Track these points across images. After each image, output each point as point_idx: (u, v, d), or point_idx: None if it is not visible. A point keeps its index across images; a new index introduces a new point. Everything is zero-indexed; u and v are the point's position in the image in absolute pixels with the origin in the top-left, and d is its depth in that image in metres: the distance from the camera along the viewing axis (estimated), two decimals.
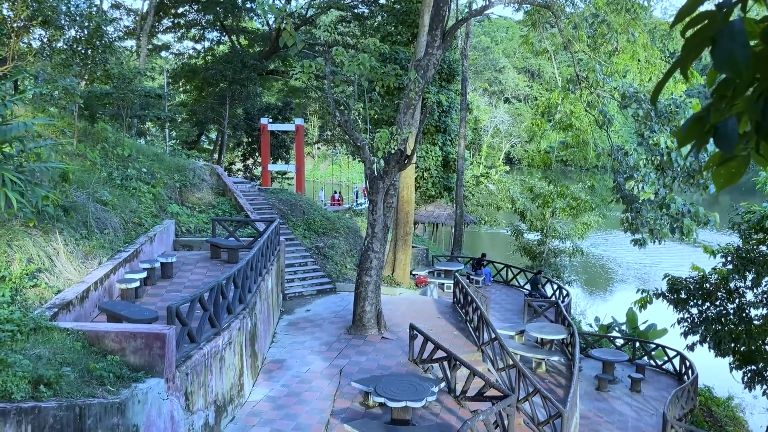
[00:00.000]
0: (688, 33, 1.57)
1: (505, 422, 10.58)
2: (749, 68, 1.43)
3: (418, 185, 33.14)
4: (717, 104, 1.56)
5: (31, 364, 7.14)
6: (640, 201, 15.36)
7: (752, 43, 1.50)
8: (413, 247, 26.59)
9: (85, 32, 18.13)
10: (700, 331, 18.85)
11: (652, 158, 14.98)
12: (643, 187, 14.25)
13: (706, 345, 18.90)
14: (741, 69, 1.43)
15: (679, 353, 20.08)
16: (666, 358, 20.75)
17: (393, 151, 15.41)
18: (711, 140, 1.67)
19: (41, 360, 7.42)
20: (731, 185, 1.76)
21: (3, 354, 7.11)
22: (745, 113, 1.49)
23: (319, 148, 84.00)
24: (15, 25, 16.10)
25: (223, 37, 45.06)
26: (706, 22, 1.50)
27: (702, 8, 1.62)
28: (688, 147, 1.75)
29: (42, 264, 10.86)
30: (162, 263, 14.60)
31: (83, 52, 18.19)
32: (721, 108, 1.54)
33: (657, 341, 22.31)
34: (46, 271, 10.84)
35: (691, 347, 19.36)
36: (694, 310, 19.58)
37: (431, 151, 33.45)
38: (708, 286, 19.20)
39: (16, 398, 6.53)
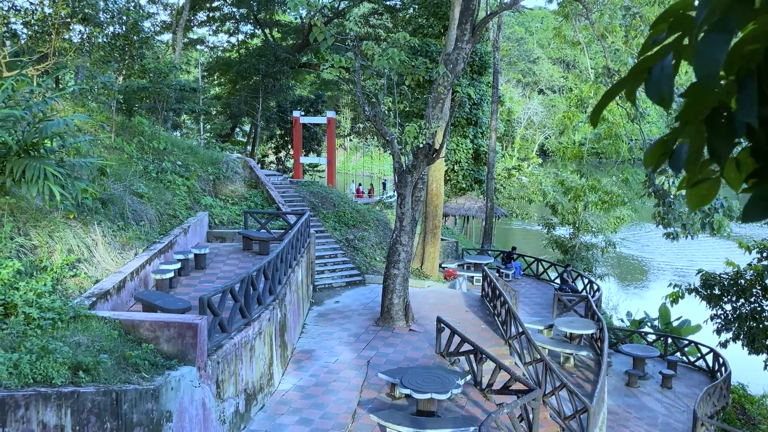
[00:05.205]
0: (642, 56, 1.73)
1: (530, 416, 10.64)
2: (671, 100, 1.64)
3: (448, 178, 33.06)
4: (681, 129, 1.66)
5: (71, 350, 7.48)
6: (672, 195, 15.15)
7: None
8: (443, 239, 26.61)
9: (123, 28, 18.59)
10: (734, 327, 18.55)
11: None
12: (674, 182, 14.04)
13: (739, 342, 18.59)
14: (665, 100, 1.64)
15: (712, 350, 19.77)
16: (699, 355, 20.45)
17: (421, 146, 15.49)
18: None
19: (80, 347, 7.77)
20: (704, 205, 1.90)
21: (44, 341, 7.47)
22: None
23: (351, 140, 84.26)
24: (56, 21, 16.62)
25: (256, 31, 45.56)
26: (652, 53, 1.67)
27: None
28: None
29: (81, 254, 11.28)
30: (195, 254, 14.97)
31: (121, 47, 18.67)
32: (686, 132, 1.64)
33: (690, 337, 21.98)
34: (85, 262, 11.26)
35: (723, 344, 19.05)
36: (728, 307, 19.26)
37: (462, 144, 33.31)
38: (743, 282, 18.86)
39: (56, 383, 6.88)
